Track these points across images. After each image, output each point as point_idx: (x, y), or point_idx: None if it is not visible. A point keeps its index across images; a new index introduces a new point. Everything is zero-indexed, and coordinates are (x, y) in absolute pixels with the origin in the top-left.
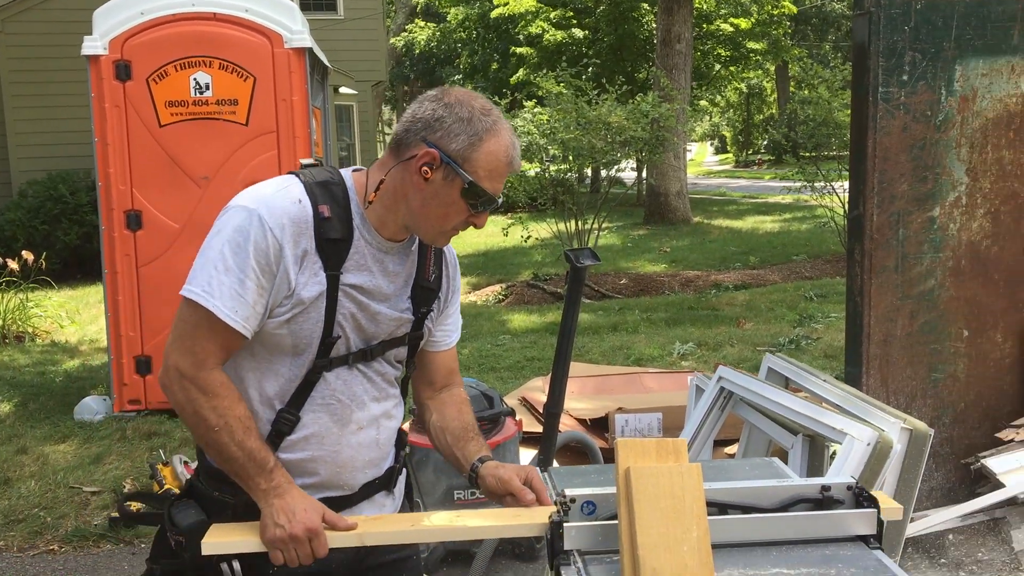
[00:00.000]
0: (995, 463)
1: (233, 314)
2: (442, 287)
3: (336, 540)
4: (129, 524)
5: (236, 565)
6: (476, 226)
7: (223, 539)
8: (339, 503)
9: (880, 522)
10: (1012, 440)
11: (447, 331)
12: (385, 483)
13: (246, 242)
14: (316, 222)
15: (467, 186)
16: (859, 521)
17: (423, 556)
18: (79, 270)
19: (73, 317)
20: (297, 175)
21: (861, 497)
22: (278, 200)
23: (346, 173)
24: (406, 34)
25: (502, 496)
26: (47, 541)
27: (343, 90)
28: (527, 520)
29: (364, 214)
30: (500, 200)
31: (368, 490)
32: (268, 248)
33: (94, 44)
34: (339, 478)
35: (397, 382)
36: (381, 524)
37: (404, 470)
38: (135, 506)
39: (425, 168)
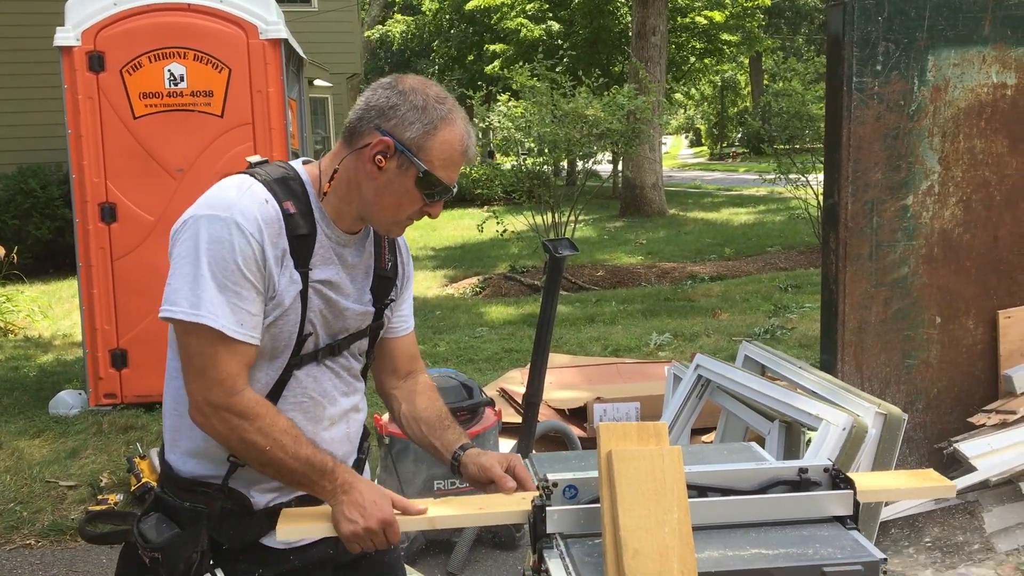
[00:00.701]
0: (967, 447)
1: (241, 328)
2: (398, 274)
3: (407, 524)
4: (94, 542)
5: (220, 575)
6: (431, 215)
7: (297, 525)
8: (313, 499)
9: (856, 503)
10: (984, 425)
11: (403, 316)
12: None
13: (231, 252)
14: (285, 220)
15: (422, 175)
16: (836, 502)
17: (403, 546)
18: (51, 265)
19: (46, 312)
20: (251, 174)
21: (838, 479)
22: (247, 203)
23: (298, 165)
24: (380, 27)
25: (484, 484)
26: (23, 536)
27: (318, 83)
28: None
29: (322, 207)
30: (455, 190)
31: None
32: (253, 254)
33: (66, 35)
34: None
35: (361, 375)
36: (449, 507)
37: (366, 461)
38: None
39: (379, 157)
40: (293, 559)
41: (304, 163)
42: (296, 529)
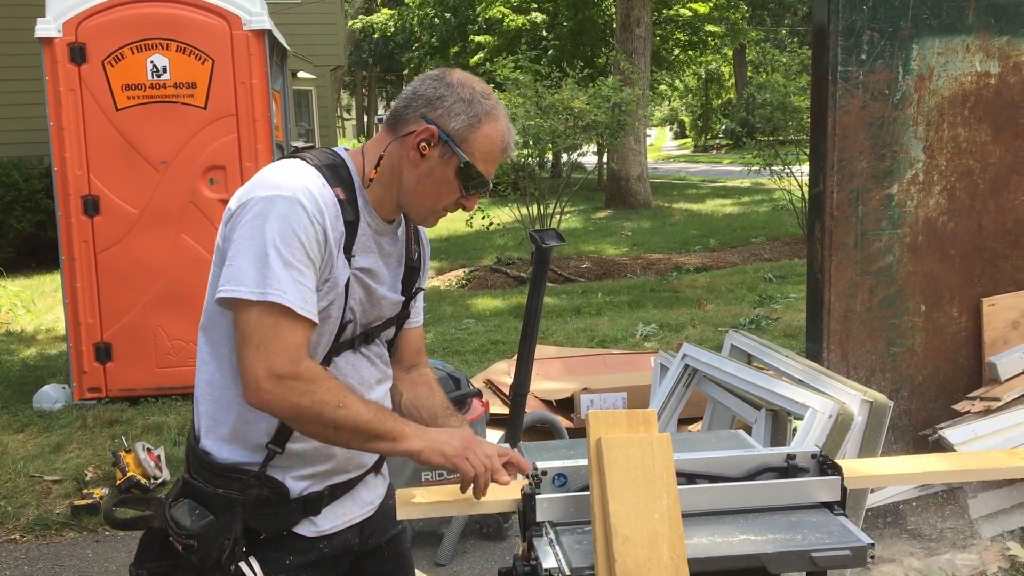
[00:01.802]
0: (952, 434)
1: (305, 305)
2: (421, 266)
3: (408, 512)
4: (118, 528)
5: (255, 563)
6: (465, 208)
7: (418, 503)
8: (343, 487)
9: (844, 489)
10: (968, 412)
11: (418, 309)
12: (379, 464)
13: (296, 231)
14: (338, 204)
15: (463, 166)
16: (823, 488)
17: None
18: (33, 258)
19: (29, 306)
20: (302, 159)
21: (825, 465)
22: (307, 184)
23: (342, 152)
24: (364, 17)
25: None
26: (8, 531)
27: (301, 74)
28: None
29: (366, 195)
30: (491, 185)
31: (364, 472)
32: (315, 234)
33: (47, 26)
34: (350, 462)
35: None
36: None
37: None
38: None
39: (423, 144)
40: (322, 546)
41: (345, 151)
42: (418, 508)
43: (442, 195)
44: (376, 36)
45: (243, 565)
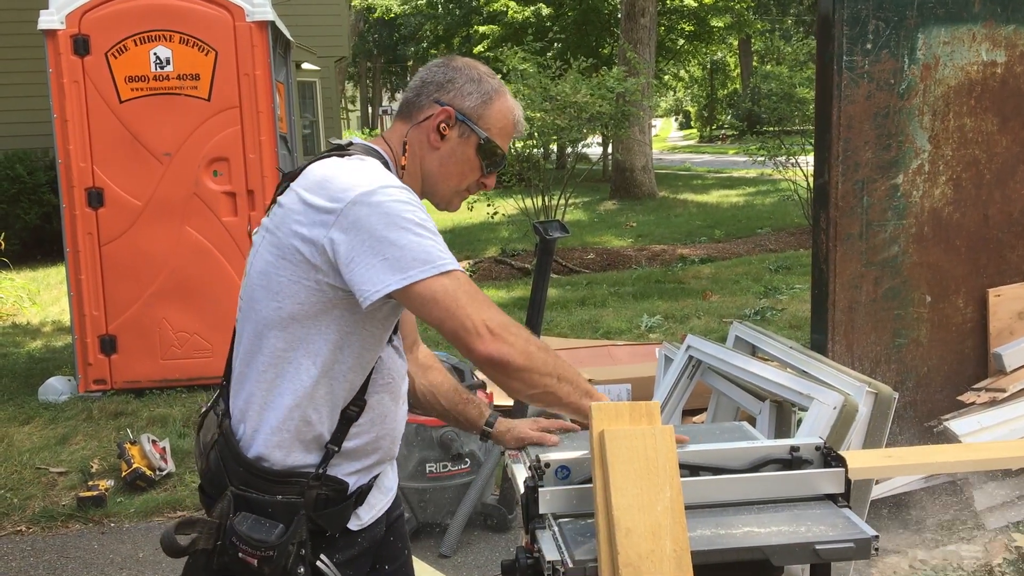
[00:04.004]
0: (957, 425)
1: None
2: None
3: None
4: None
5: (327, 559)
6: (486, 186)
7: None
8: (376, 478)
9: (848, 481)
10: (973, 403)
11: None
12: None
13: (417, 207)
14: None
15: (483, 142)
16: (827, 480)
17: None
18: (39, 251)
19: (34, 298)
20: (354, 155)
21: (829, 457)
22: (384, 173)
23: (376, 144)
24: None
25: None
26: (14, 522)
27: (305, 66)
28: None
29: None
30: (506, 160)
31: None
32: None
33: (51, 18)
34: (391, 452)
35: None
36: None
37: None
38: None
39: (443, 125)
40: (360, 540)
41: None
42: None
43: (465, 174)
44: (375, 16)
45: (320, 564)
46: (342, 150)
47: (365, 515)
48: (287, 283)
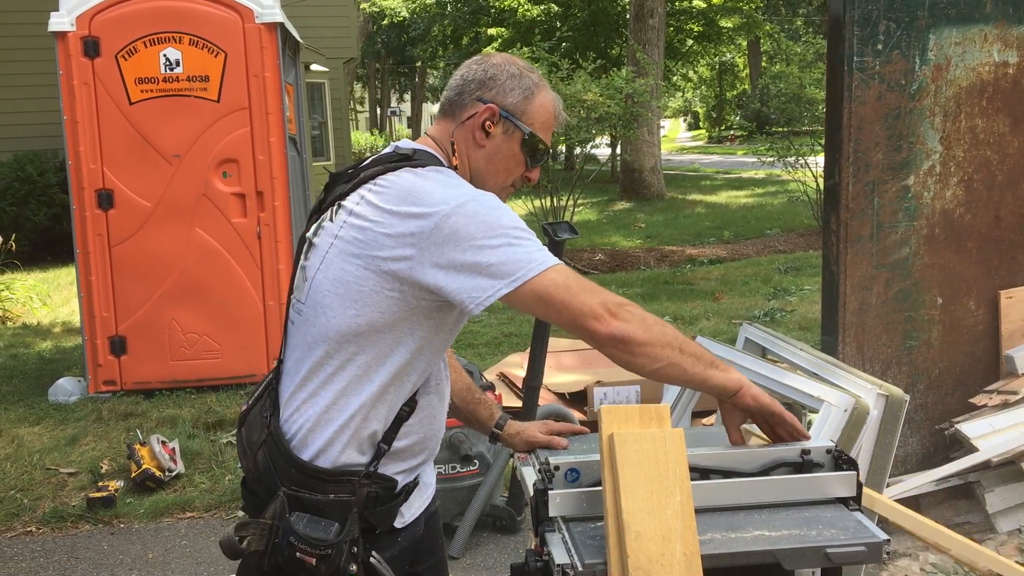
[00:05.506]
0: (969, 428)
1: None
2: None
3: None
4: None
5: (377, 556)
6: (530, 180)
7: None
8: (418, 476)
9: (859, 484)
10: (985, 405)
11: None
12: None
13: (508, 211)
14: None
15: (527, 137)
16: (839, 483)
17: None
18: (49, 252)
19: (44, 299)
20: (422, 164)
21: (840, 460)
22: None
23: (427, 148)
24: (377, 0)
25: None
26: (24, 523)
27: (314, 67)
28: None
29: None
30: (549, 153)
31: None
32: None
33: (61, 20)
34: (435, 451)
35: None
36: None
37: None
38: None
39: (488, 122)
40: (402, 540)
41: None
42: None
43: (511, 170)
44: (386, 23)
45: (373, 561)
46: (408, 159)
47: (408, 512)
48: (368, 292)
